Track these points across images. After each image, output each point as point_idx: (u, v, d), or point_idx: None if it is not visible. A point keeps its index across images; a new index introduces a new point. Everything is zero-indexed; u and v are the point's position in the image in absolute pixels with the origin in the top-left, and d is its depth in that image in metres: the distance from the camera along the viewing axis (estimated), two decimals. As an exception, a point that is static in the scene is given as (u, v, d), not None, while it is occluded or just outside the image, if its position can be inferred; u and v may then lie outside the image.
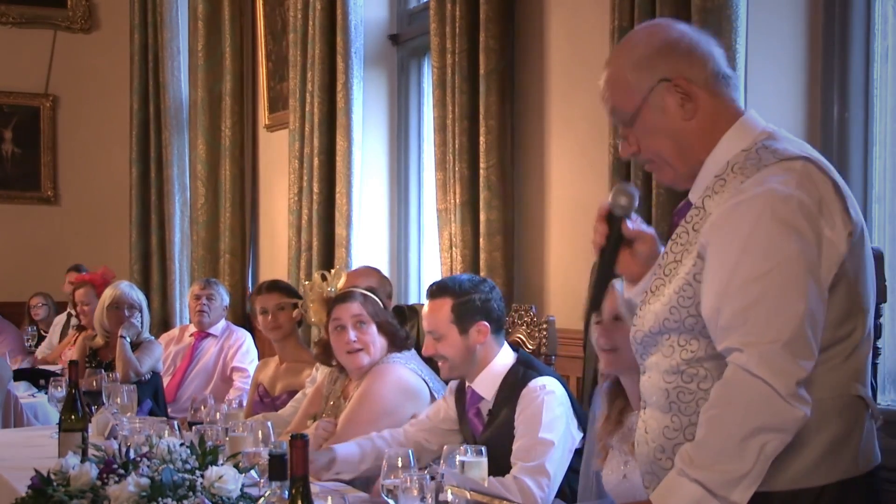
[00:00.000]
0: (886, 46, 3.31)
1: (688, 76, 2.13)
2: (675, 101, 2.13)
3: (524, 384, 3.13)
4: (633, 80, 2.16)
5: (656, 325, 2.13)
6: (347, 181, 5.31)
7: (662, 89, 2.13)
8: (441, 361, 3.29)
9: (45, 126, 8.30)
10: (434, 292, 3.31)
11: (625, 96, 2.17)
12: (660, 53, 2.15)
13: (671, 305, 2.10)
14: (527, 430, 3.05)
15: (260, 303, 4.74)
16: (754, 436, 1.94)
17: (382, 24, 5.59)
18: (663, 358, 2.13)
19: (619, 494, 2.76)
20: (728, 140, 2.13)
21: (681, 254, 2.13)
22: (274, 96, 6.46)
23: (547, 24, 4.33)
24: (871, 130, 3.33)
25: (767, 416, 1.93)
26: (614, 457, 2.78)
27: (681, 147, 2.16)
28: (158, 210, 7.53)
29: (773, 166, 2.03)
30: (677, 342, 2.11)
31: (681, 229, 2.15)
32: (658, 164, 2.21)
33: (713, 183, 2.11)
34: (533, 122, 4.38)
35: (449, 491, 2.40)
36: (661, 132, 2.16)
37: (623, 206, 2.26)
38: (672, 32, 2.19)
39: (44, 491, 2.65)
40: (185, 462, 2.60)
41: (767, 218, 1.98)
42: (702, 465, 1.96)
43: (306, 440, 1.97)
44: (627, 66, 2.17)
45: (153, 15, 7.51)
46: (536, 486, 2.97)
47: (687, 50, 2.15)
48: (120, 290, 5.33)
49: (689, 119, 2.14)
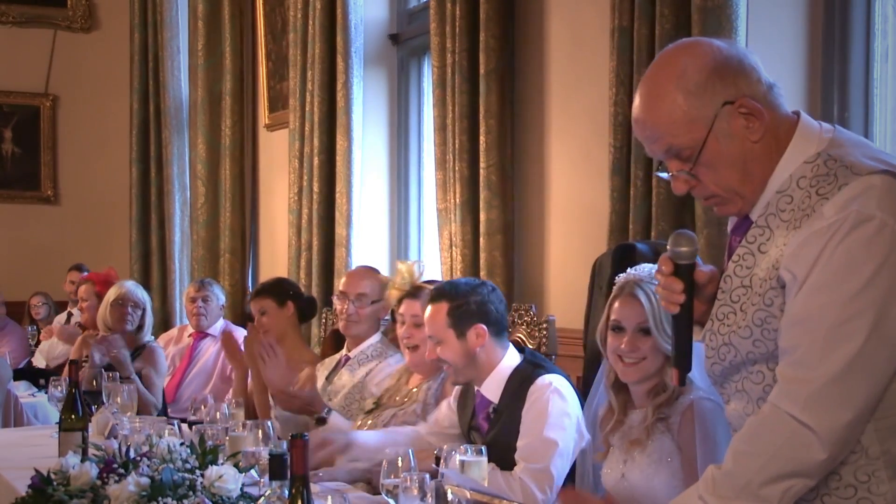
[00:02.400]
0: (886, 46, 3.32)
1: (748, 94, 1.97)
2: (741, 124, 1.96)
3: (531, 381, 3.11)
4: (691, 110, 1.96)
5: (738, 359, 2.01)
6: (347, 181, 5.31)
7: (727, 114, 1.96)
8: (445, 366, 3.28)
9: (45, 126, 8.30)
10: (432, 297, 3.29)
11: (684, 130, 1.97)
12: (716, 75, 1.97)
13: (755, 339, 1.97)
14: (532, 428, 3.04)
15: (252, 308, 4.73)
16: (781, 480, 1.89)
17: (382, 23, 5.59)
18: (753, 385, 2.02)
19: (618, 494, 2.75)
20: (791, 152, 1.98)
21: (748, 278, 1.99)
22: (274, 96, 6.46)
23: (547, 23, 4.32)
24: (872, 130, 3.33)
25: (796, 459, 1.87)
26: (614, 455, 2.78)
27: (750, 173, 1.99)
28: (158, 210, 7.53)
29: (852, 186, 1.88)
30: (766, 367, 1.99)
31: (743, 251, 2.01)
32: (726, 196, 2.02)
33: (776, 199, 1.97)
34: (533, 122, 4.38)
35: (449, 490, 2.39)
36: (730, 162, 1.98)
37: (689, 254, 2.05)
38: (717, 51, 2.00)
39: (44, 490, 2.65)
40: (186, 461, 2.60)
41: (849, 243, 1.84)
42: (723, 496, 1.93)
43: (306, 440, 1.97)
44: (679, 97, 1.97)
45: (153, 14, 7.51)
46: (540, 490, 2.97)
47: (738, 66, 1.98)
48: (125, 288, 5.33)
49: (757, 140, 1.97)
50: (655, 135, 2.02)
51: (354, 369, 4.15)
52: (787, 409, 1.88)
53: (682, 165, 2.01)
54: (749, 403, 2.02)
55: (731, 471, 1.94)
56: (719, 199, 2.04)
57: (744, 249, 2.00)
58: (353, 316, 4.14)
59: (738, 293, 2.00)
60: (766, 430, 1.91)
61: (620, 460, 2.74)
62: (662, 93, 1.99)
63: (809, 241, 1.88)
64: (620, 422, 2.79)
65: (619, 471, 2.74)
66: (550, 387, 3.08)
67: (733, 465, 1.94)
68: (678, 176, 2.02)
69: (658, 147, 2.03)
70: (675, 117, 1.97)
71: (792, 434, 1.87)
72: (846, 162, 1.91)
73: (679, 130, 1.98)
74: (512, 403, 3.13)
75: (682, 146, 1.99)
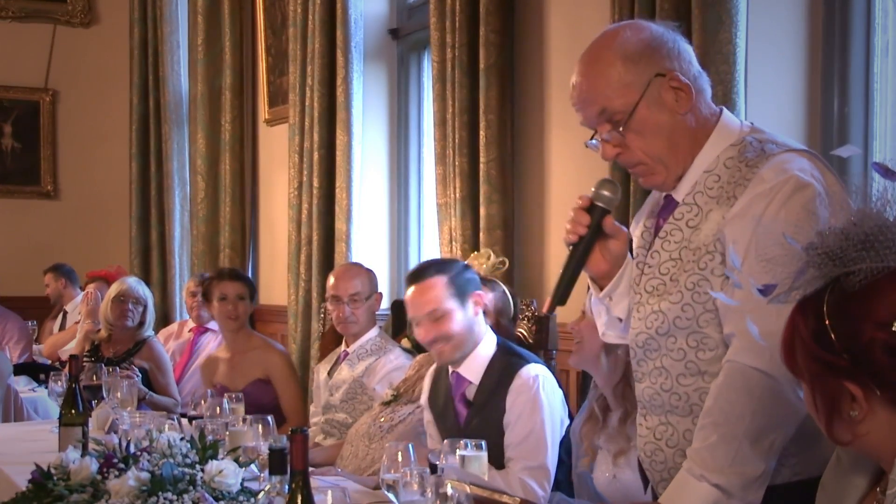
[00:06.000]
0: (887, 41, 3.31)
1: (679, 71, 2.10)
2: (671, 96, 2.10)
3: (513, 372, 3.10)
4: (626, 74, 2.09)
5: (664, 326, 2.09)
6: (347, 176, 5.30)
7: (658, 84, 2.09)
8: (441, 344, 3.17)
9: (45, 120, 8.29)
10: (419, 275, 3.22)
11: (618, 93, 2.10)
12: (651, 48, 2.11)
13: (684, 303, 2.06)
14: (525, 424, 3.03)
15: (220, 289, 4.71)
16: (764, 435, 1.93)
17: (382, 18, 5.59)
18: (674, 362, 2.10)
19: (611, 494, 2.76)
20: (716, 136, 2.12)
21: (677, 251, 2.10)
22: (274, 91, 6.46)
23: (547, 18, 4.32)
24: (872, 125, 3.33)
25: (772, 412, 1.93)
26: (602, 457, 2.78)
27: (675, 144, 2.12)
28: (158, 205, 7.53)
29: (783, 154, 2.03)
30: (686, 343, 2.07)
31: (671, 227, 2.13)
32: (650, 165, 2.15)
33: (703, 178, 2.10)
34: (533, 117, 4.38)
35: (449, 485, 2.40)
36: (657, 129, 2.11)
37: (608, 199, 2.18)
38: (655, 29, 2.15)
39: (44, 485, 2.65)
40: (186, 456, 2.60)
41: (793, 204, 1.96)
42: (719, 469, 1.95)
43: (306, 434, 1.97)
44: (618, 61, 2.10)
45: (153, 9, 7.51)
46: (539, 486, 2.97)
47: (672, 45, 2.12)
48: (127, 284, 5.35)
49: (684, 113, 2.10)
50: (591, 97, 2.12)
51: (354, 364, 4.16)
52: (754, 363, 1.93)
53: (612, 130, 2.12)
54: (668, 379, 2.10)
55: (717, 442, 1.96)
56: (645, 167, 2.15)
57: (671, 226, 2.12)
58: (351, 317, 4.14)
59: (667, 266, 2.11)
60: (737, 391, 1.95)
61: (609, 462, 2.74)
62: (602, 57, 2.12)
63: (753, 203, 2.00)
64: (605, 424, 2.80)
65: (610, 472, 2.74)
66: (537, 379, 3.07)
67: (717, 437, 1.96)
68: (608, 141, 2.14)
69: (592, 111, 2.13)
70: (611, 80, 2.09)
71: (764, 388, 1.92)
72: (772, 140, 2.07)
73: (613, 93, 2.09)
74: (493, 395, 3.11)
75: (614, 109, 2.10)
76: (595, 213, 2.19)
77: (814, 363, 1.48)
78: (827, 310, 1.47)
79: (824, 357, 1.46)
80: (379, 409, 3.71)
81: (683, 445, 2.09)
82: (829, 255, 1.48)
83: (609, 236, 2.21)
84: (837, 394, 1.46)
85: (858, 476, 1.60)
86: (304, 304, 5.54)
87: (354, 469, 3.51)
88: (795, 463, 2.04)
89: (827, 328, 1.46)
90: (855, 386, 1.43)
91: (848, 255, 1.46)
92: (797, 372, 1.52)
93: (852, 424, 1.46)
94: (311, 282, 5.50)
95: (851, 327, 1.44)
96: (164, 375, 5.18)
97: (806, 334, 1.49)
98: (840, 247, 1.48)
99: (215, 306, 4.74)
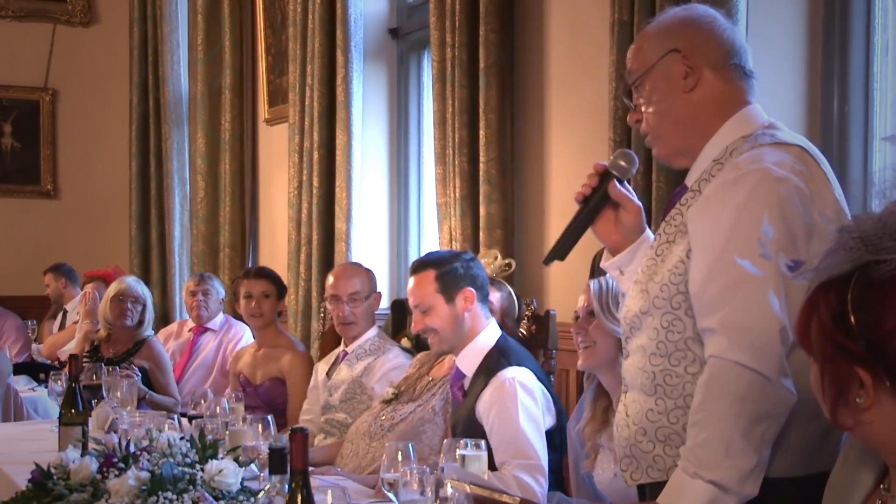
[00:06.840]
0: (887, 40, 3.31)
1: (698, 53, 2.17)
2: (679, 72, 2.17)
3: (495, 372, 3.13)
4: (650, 45, 2.22)
5: (646, 305, 2.13)
6: (347, 175, 5.30)
7: (671, 59, 2.18)
8: (431, 336, 3.28)
9: (45, 120, 8.29)
10: (416, 267, 3.32)
11: (638, 58, 2.23)
12: (680, 26, 2.21)
13: (662, 283, 2.11)
14: (508, 426, 3.04)
15: (246, 287, 4.79)
16: (754, 426, 1.94)
17: (382, 17, 5.59)
18: (649, 340, 2.13)
19: (612, 493, 2.76)
20: (729, 126, 2.16)
21: (673, 235, 2.14)
22: (273, 90, 6.46)
23: (547, 17, 4.32)
24: (871, 124, 3.33)
25: (761, 404, 1.94)
26: (604, 455, 2.78)
27: (676, 120, 2.19)
28: (158, 204, 7.53)
29: (767, 147, 2.07)
30: (660, 323, 2.11)
31: (674, 211, 2.17)
32: (653, 136, 2.25)
33: (710, 167, 2.13)
34: (533, 116, 4.38)
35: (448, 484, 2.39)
36: (660, 100, 2.20)
37: (621, 168, 2.29)
38: (702, 13, 2.23)
39: (44, 485, 2.65)
40: (186, 456, 2.61)
41: (760, 196, 1.99)
42: (713, 466, 1.95)
43: (306, 434, 1.97)
44: (651, 31, 2.24)
45: (153, 9, 7.50)
46: (534, 481, 2.98)
47: (707, 31, 2.19)
48: (126, 283, 5.34)
49: (689, 92, 2.17)
50: (629, 58, 2.27)
51: (353, 364, 4.15)
52: (738, 359, 1.95)
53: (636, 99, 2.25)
54: (643, 357, 2.14)
55: (709, 438, 1.96)
56: (650, 138, 2.25)
57: (675, 211, 2.17)
58: (350, 317, 4.14)
59: (662, 248, 2.16)
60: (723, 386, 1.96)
61: (611, 460, 2.74)
62: (650, 27, 2.28)
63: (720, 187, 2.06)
64: (606, 422, 2.79)
65: (611, 470, 2.74)
66: (513, 382, 3.10)
67: (708, 434, 1.97)
68: (632, 108, 2.27)
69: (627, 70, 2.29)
70: (642, 46, 2.24)
71: (751, 382, 1.94)
72: (772, 134, 2.11)
73: (635, 57, 2.25)
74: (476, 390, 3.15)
75: (631, 70, 2.25)
76: (606, 178, 2.30)
77: (828, 344, 1.47)
78: (851, 294, 1.45)
79: (841, 341, 1.44)
80: (380, 408, 3.71)
81: (644, 424, 2.12)
82: (863, 240, 1.47)
83: (617, 204, 2.31)
84: (847, 378, 1.45)
85: (864, 473, 1.60)
86: (304, 304, 5.54)
87: (355, 467, 3.51)
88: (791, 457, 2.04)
89: (848, 312, 1.44)
90: (866, 373, 1.42)
91: (882, 242, 1.45)
92: (808, 349, 1.51)
93: (857, 411, 1.45)
94: (311, 281, 5.50)
95: (873, 315, 1.42)
96: (164, 375, 5.18)
97: (826, 315, 1.47)
98: (875, 234, 1.46)
99: (242, 305, 4.81)
